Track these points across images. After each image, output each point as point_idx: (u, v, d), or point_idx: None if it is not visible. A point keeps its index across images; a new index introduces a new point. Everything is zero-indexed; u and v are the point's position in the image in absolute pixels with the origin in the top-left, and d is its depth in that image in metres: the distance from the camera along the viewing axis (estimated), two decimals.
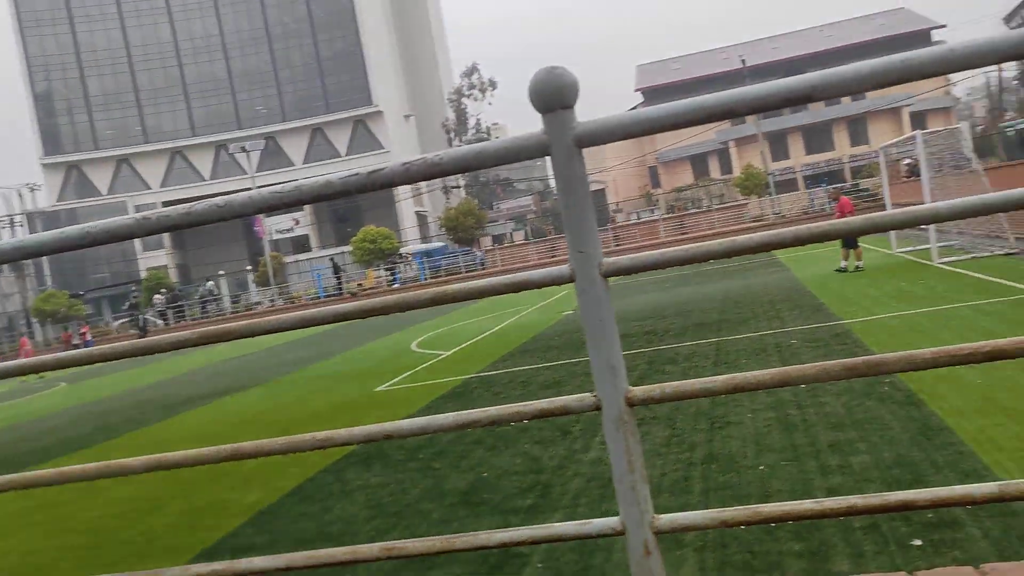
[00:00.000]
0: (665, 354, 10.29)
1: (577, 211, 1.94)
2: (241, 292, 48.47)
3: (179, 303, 44.44)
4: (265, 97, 67.28)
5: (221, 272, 50.02)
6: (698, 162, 61.66)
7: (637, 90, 66.54)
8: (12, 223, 53.65)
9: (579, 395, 2.04)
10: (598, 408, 1.99)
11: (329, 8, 66.39)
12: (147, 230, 2.23)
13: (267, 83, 67.19)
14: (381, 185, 2.19)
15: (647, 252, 1.93)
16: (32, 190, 56.19)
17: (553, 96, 1.91)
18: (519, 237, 49.28)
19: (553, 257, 40.22)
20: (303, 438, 2.15)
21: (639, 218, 48.08)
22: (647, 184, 60.93)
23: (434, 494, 5.84)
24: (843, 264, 16.92)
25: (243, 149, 49.18)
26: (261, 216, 46.95)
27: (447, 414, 2.12)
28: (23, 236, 2.30)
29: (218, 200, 2.19)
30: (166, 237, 60.42)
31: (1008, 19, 77.84)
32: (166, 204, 64.98)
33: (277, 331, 2.22)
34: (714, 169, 60.79)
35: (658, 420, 6.80)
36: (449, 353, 14.76)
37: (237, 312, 43.77)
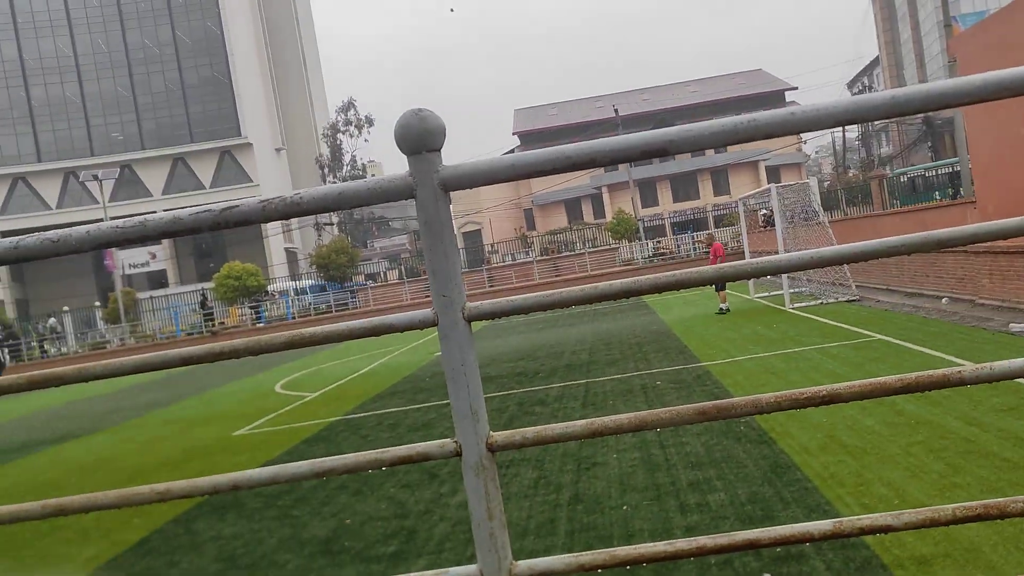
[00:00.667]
0: (535, 395, 10.37)
1: (441, 254, 1.91)
2: (88, 329, 45.43)
3: (16, 340, 41.14)
4: (122, 123, 64.15)
5: (66, 308, 46.71)
6: (572, 206, 63.34)
7: (515, 133, 67.87)
8: None
9: (440, 441, 2.00)
10: (458, 454, 1.96)
11: (196, 34, 64.36)
12: None
13: (125, 109, 64.13)
14: (235, 223, 2.09)
15: (510, 297, 1.93)
16: None
17: (419, 139, 1.89)
18: (393, 276, 48.84)
19: (427, 297, 40.06)
20: (140, 490, 1.99)
21: (514, 259, 48.65)
22: (522, 226, 61.97)
23: (292, 543, 5.59)
24: (722, 306, 17.76)
25: (95, 177, 46.40)
26: (112, 249, 44.51)
27: (302, 462, 2.02)
28: None
29: (51, 234, 2.02)
30: (3, 270, 56.20)
31: (850, 85, 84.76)
32: (4, 233, 60.47)
33: (111, 376, 2.06)
34: (587, 213, 62.56)
35: (527, 462, 6.81)
36: (315, 395, 14.33)
37: (81, 352, 40.96)
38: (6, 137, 62.01)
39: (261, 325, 38.82)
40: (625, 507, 5.33)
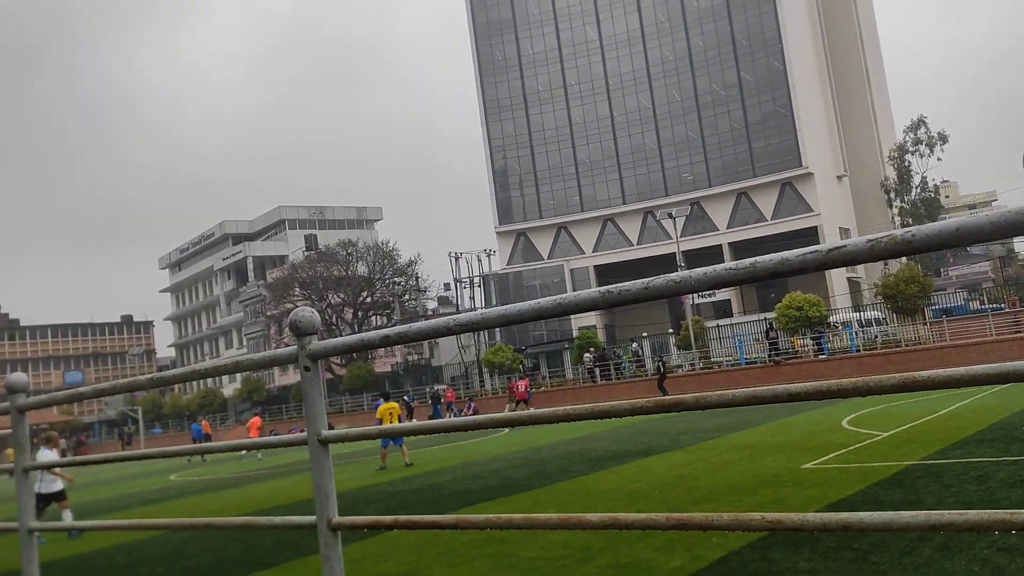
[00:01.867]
0: None
1: None
2: (663, 355, 49.83)
3: (605, 362, 47.09)
4: (692, 164, 69.28)
5: (644, 334, 52.02)
6: None
7: None
8: (472, 284, 62.13)
9: None
10: None
11: (760, 72, 66.44)
12: (609, 303, 2.39)
13: (694, 150, 69.15)
14: (841, 263, 2.09)
15: None
16: (488, 255, 64.54)
17: None
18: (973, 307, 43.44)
19: (1017, 333, 34.71)
20: (752, 516, 2.10)
21: None
22: None
23: None
24: None
25: (669, 215, 51.01)
26: None
27: (916, 512, 1.91)
28: (507, 306, 2.62)
29: (674, 276, 2.28)
30: None
31: None
32: (597, 268, 69.94)
33: (725, 406, 2.23)
34: None
35: None
36: (886, 434, 13.46)
37: (654, 375, 44.99)
38: (599, 184, 72.02)
39: (823, 356, 37.99)
40: None
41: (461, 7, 76.83)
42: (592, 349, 49.96)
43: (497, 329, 63.84)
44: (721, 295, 63.54)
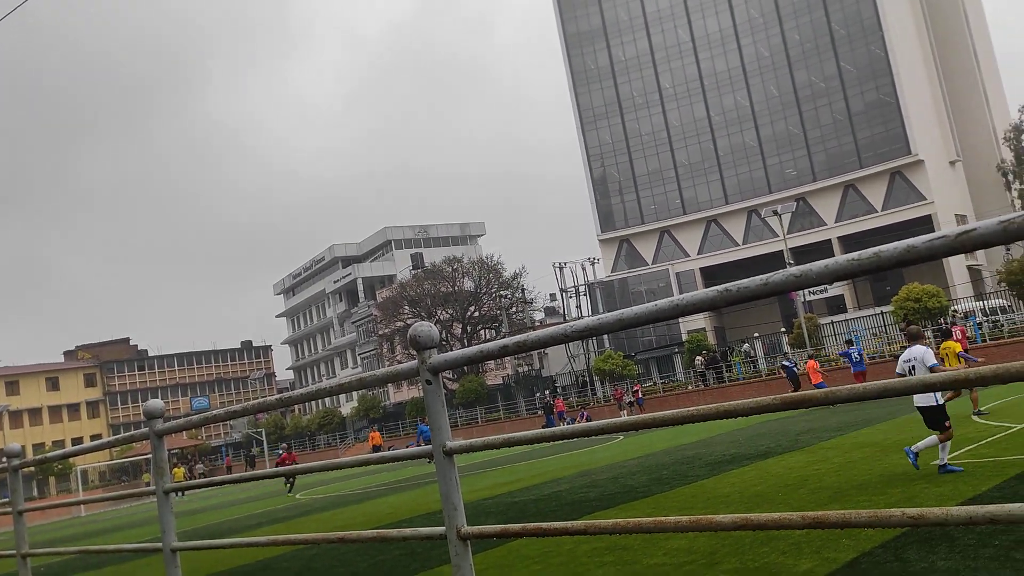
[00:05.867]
0: None
1: None
2: (776, 354, 48.47)
3: (717, 364, 46.17)
4: (795, 159, 67.30)
5: (756, 334, 50.77)
6: None
7: None
8: (578, 293, 61.99)
9: None
10: None
11: (861, 61, 64.09)
12: (728, 300, 2.40)
13: (796, 145, 67.18)
14: (972, 247, 2.04)
15: None
16: (592, 263, 64.23)
17: None
18: None
19: None
20: (891, 513, 2.07)
21: None
22: None
23: None
24: None
25: (774, 212, 49.62)
26: None
27: None
28: (623, 310, 2.66)
29: (794, 270, 2.27)
30: None
31: None
32: (703, 270, 68.65)
33: (858, 399, 2.20)
34: None
35: None
36: (1021, 426, 12.71)
37: (773, 376, 43.78)
38: (700, 186, 70.81)
39: None
40: None
41: (552, 20, 77.27)
42: (704, 352, 49.10)
43: (606, 336, 63.51)
44: (834, 290, 61.36)
